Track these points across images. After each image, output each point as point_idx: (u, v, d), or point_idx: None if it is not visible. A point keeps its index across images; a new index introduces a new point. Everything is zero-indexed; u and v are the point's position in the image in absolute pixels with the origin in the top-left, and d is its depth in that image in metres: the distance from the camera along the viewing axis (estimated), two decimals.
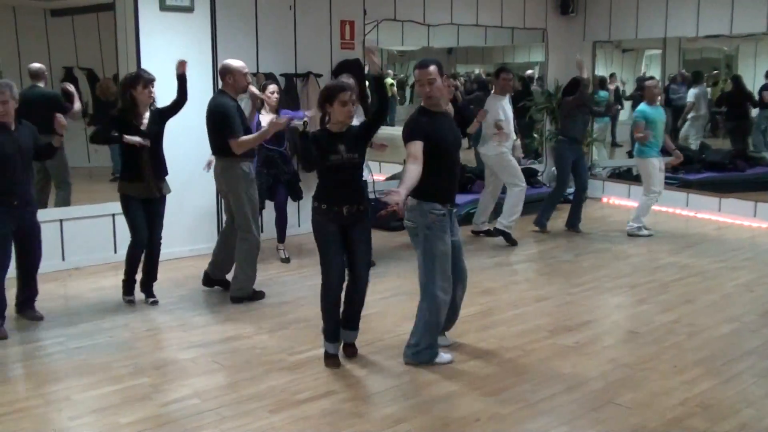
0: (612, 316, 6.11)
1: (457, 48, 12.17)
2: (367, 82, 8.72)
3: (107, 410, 4.32)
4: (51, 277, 6.88)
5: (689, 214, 10.06)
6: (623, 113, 12.61)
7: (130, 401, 4.44)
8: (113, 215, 7.48)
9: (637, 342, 5.46)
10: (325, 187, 4.85)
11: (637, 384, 4.69)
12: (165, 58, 7.02)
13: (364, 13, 9.11)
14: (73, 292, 6.67)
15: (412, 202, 4.85)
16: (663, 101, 9.95)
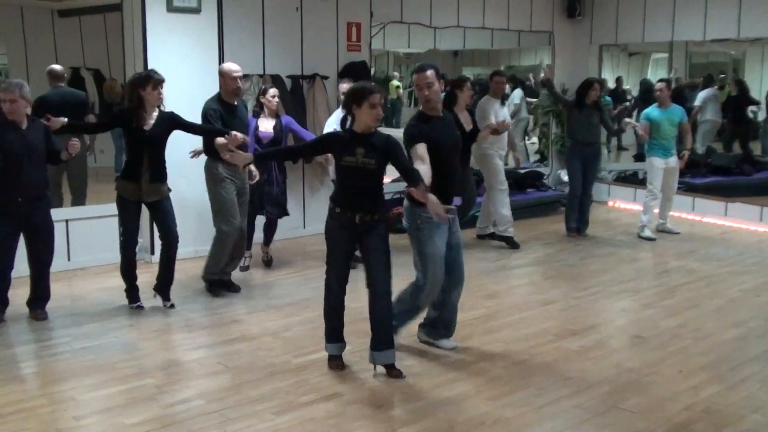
0: (617, 321, 6.09)
1: (463, 51, 12.16)
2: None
3: (112, 411, 4.33)
4: (56, 277, 6.87)
5: (695, 218, 10.03)
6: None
7: (135, 402, 4.44)
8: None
9: (642, 346, 5.44)
10: (340, 190, 4.78)
11: (642, 389, 4.68)
12: (172, 58, 7.04)
13: (371, 15, 9.11)
14: (78, 293, 6.68)
15: (405, 204, 4.96)
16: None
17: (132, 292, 6.19)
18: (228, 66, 6.41)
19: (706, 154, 11.81)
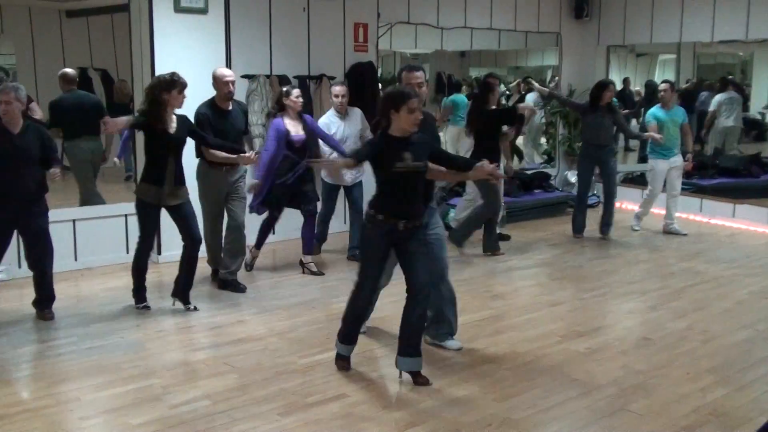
0: (624, 322, 6.07)
1: (470, 51, 12.13)
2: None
3: (118, 411, 4.33)
4: (63, 277, 6.90)
5: (703, 219, 10.00)
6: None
7: (141, 402, 4.44)
8: (126, 216, 7.50)
9: (649, 348, 5.42)
10: (384, 196, 4.60)
11: (649, 391, 4.66)
12: (179, 59, 7.04)
13: (378, 16, 9.10)
14: (85, 293, 6.69)
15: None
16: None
17: (140, 292, 6.18)
18: (220, 71, 6.39)
19: (713, 155, 11.76)
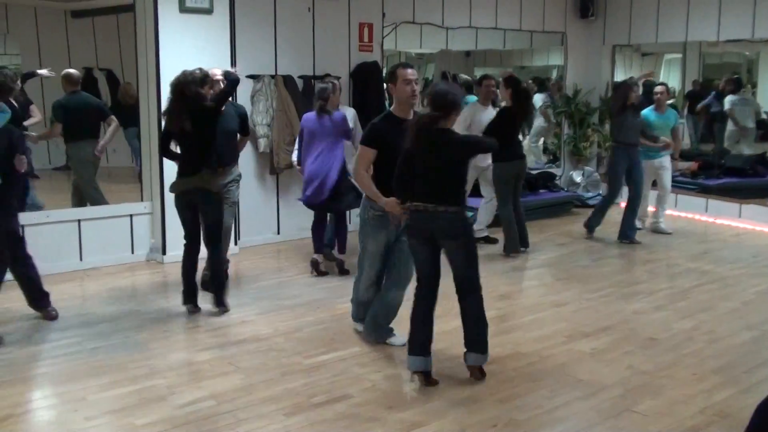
0: (630, 323, 6.05)
1: (475, 51, 12.12)
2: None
3: (123, 411, 4.33)
4: (68, 277, 6.92)
5: (708, 219, 9.97)
6: None
7: (146, 402, 4.44)
8: (131, 216, 7.52)
9: (655, 349, 5.40)
10: None
11: (655, 392, 4.64)
12: (184, 59, 7.02)
13: (383, 16, 9.10)
14: (90, 293, 6.69)
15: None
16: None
17: (185, 292, 6.12)
18: (211, 70, 6.23)
19: (719, 155, 11.73)
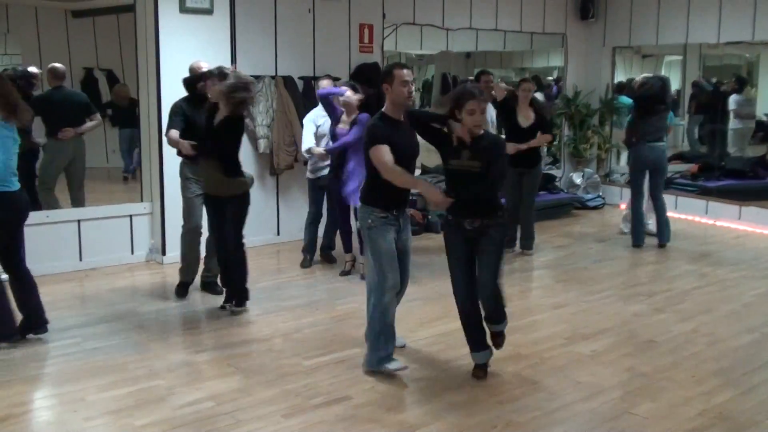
0: (629, 325, 6.05)
1: (475, 52, 12.12)
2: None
3: (122, 412, 4.33)
4: (68, 277, 6.92)
5: (708, 221, 9.97)
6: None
7: (145, 403, 4.44)
8: (131, 216, 7.52)
9: (654, 351, 5.40)
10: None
11: (654, 394, 4.64)
12: (184, 59, 7.03)
13: (383, 17, 9.10)
14: (89, 293, 6.69)
15: (360, 205, 4.95)
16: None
17: (226, 292, 6.21)
18: (196, 63, 6.33)
19: (719, 157, 11.73)
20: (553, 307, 6.42)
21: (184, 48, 7.34)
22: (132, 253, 7.57)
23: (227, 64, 7.60)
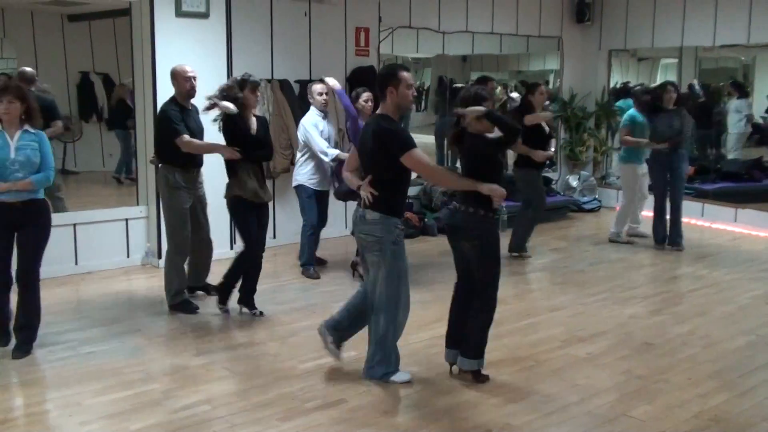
0: (626, 327, 6.05)
1: (472, 56, 12.13)
2: None
3: (118, 416, 4.32)
4: (63, 281, 6.91)
5: (705, 224, 9.98)
6: None
7: (141, 407, 4.43)
8: (126, 220, 7.52)
9: (651, 353, 5.41)
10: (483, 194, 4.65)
11: (651, 396, 4.64)
12: (180, 63, 7.03)
13: (379, 20, 9.11)
14: (85, 297, 6.68)
15: (373, 216, 4.58)
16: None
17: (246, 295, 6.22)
18: (180, 66, 6.20)
19: (715, 159, 11.75)
20: (549, 310, 6.42)
21: (180, 52, 7.33)
22: (128, 256, 7.56)
23: (223, 68, 7.65)
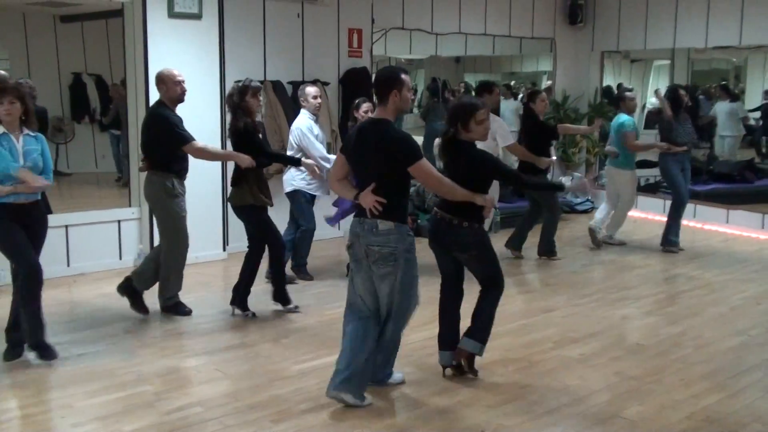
0: (618, 328, 6.07)
1: (465, 57, 12.16)
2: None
3: (110, 418, 4.31)
4: (56, 283, 6.87)
5: (696, 225, 9.99)
6: None
7: (133, 409, 4.42)
8: (119, 221, 7.50)
9: (643, 354, 5.42)
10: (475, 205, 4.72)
11: (643, 397, 4.66)
12: (173, 64, 7.02)
13: (372, 22, 9.11)
14: (77, 298, 6.67)
15: (386, 226, 4.38)
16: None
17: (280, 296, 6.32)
18: (168, 70, 6.02)
19: (707, 161, 11.79)
20: (542, 311, 6.43)
21: (172, 53, 7.33)
22: (120, 258, 7.54)
23: (216, 69, 7.64)
